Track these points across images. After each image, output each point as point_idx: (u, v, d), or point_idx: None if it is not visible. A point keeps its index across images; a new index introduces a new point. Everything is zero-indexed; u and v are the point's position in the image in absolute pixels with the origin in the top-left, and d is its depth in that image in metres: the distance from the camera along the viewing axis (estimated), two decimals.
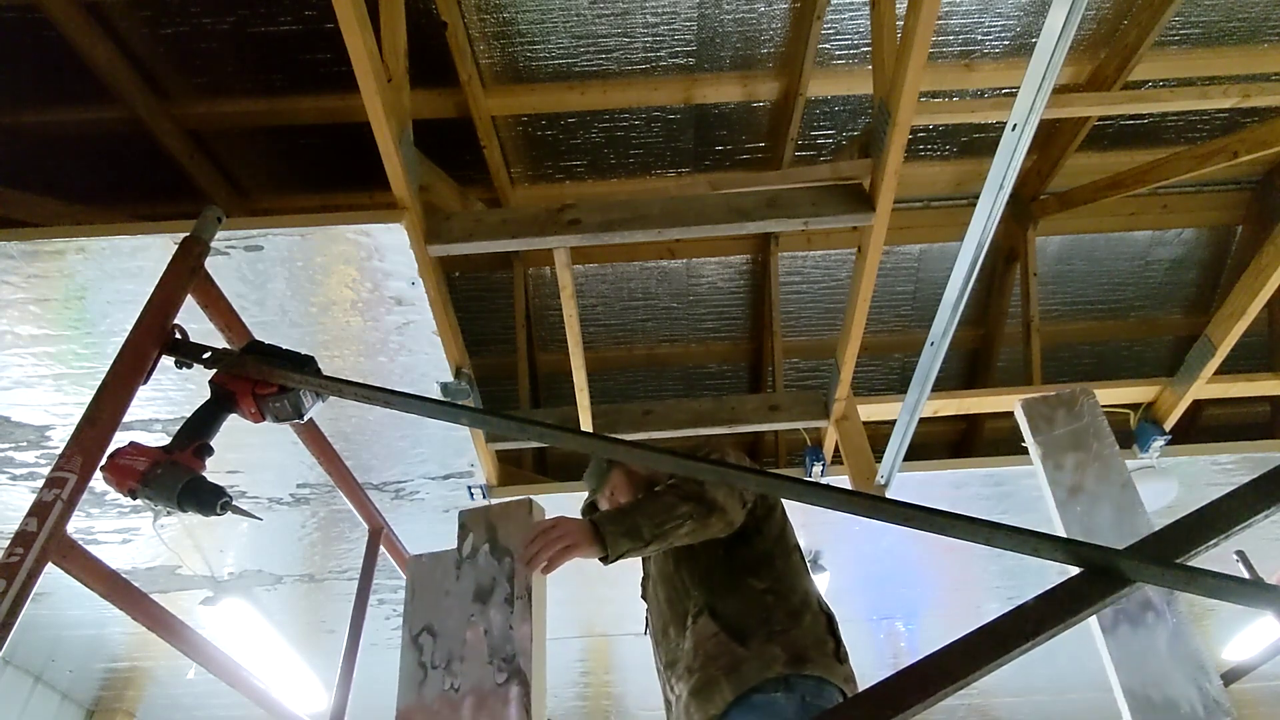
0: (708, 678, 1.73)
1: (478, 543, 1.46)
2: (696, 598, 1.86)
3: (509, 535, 1.45)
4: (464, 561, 1.44)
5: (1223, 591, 0.97)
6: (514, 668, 1.27)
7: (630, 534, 1.67)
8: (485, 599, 1.37)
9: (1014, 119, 2.01)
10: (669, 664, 1.87)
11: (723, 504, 1.80)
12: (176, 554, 3.96)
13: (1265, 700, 5.63)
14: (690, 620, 1.85)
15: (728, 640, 1.76)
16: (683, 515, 1.74)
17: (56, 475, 1.31)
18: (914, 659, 0.99)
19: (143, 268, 2.68)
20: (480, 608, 1.37)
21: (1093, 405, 1.52)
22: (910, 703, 0.97)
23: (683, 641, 1.83)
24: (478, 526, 1.48)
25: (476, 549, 1.45)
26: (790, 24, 3.36)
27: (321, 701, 4.84)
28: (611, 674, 5.16)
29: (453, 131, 3.57)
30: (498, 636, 1.31)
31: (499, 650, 1.30)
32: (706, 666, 1.74)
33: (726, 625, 1.78)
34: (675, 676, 1.82)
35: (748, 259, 4.32)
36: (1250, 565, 3.23)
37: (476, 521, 1.50)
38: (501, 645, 1.30)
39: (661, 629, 1.95)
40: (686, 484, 1.80)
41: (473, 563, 1.43)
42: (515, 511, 1.48)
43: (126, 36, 3.24)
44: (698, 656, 1.78)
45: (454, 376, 3.14)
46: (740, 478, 1.62)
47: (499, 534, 1.45)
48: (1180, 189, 4.15)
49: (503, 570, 1.39)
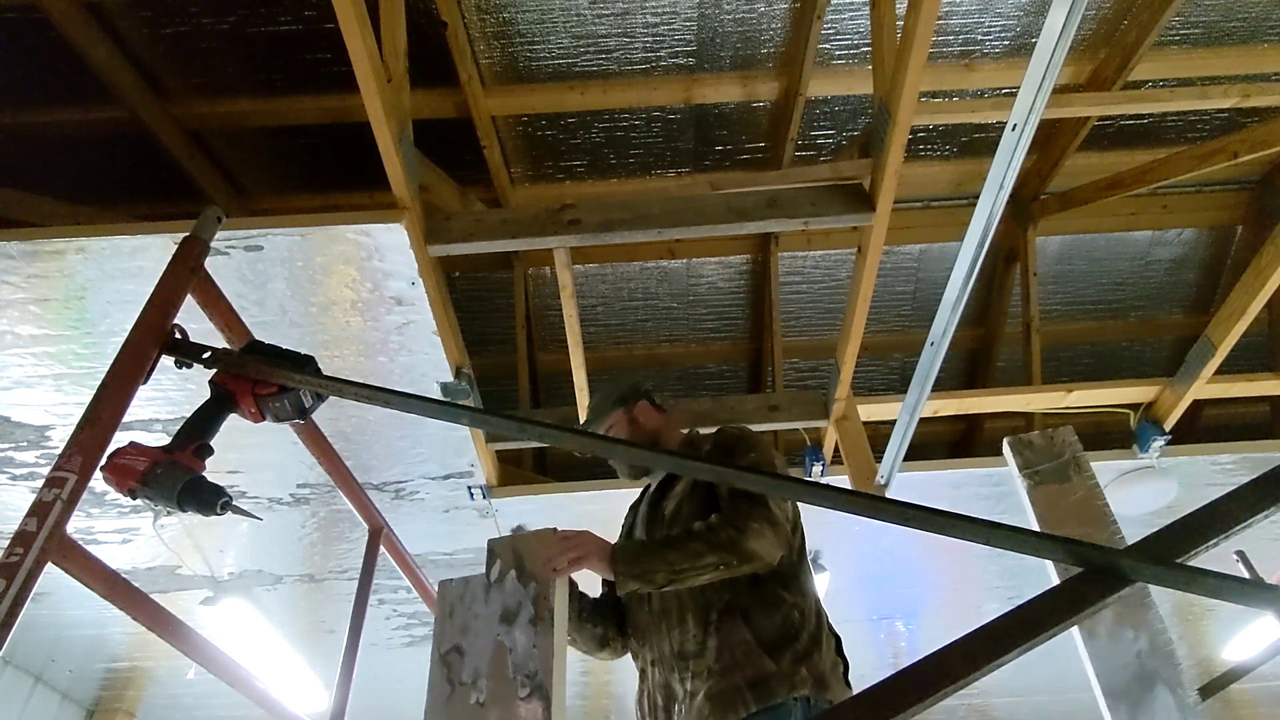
0: (732, 685, 1.70)
1: (505, 569, 1.57)
2: (724, 594, 1.81)
3: (534, 562, 1.56)
4: (492, 586, 1.55)
5: (1223, 591, 0.97)
6: (536, 683, 1.37)
7: (642, 577, 1.69)
8: (511, 620, 1.48)
9: (1014, 119, 2.01)
10: (681, 654, 1.80)
11: (759, 553, 1.75)
12: (176, 554, 3.96)
13: (1265, 700, 5.63)
14: (716, 616, 1.79)
15: (757, 650, 1.73)
16: (707, 566, 1.71)
17: (56, 475, 1.31)
18: (914, 659, 0.99)
19: (143, 268, 2.68)
20: (506, 628, 1.47)
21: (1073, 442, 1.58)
22: (910, 703, 0.97)
23: (704, 636, 1.78)
24: (505, 553, 1.60)
25: (504, 574, 1.56)
26: (790, 24, 3.36)
27: (321, 701, 4.84)
28: (611, 674, 5.16)
29: (453, 131, 3.57)
30: (522, 654, 1.42)
31: (523, 667, 1.40)
32: (730, 673, 1.71)
33: (758, 634, 1.76)
34: (690, 671, 1.77)
35: (748, 259, 4.32)
36: (1250, 565, 3.24)
37: (504, 549, 1.61)
38: (525, 662, 1.41)
39: (675, 613, 1.86)
40: (723, 531, 1.74)
41: (500, 587, 1.54)
42: (541, 539, 1.60)
43: (126, 36, 3.24)
44: (721, 659, 1.74)
45: (454, 376, 3.14)
46: (740, 478, 1.61)
47: (525, 560, 1.56)
48: (1180, 189, 4.15)
49: (528, 594, 1.51)
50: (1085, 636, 1.54)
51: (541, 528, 1.67)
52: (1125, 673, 1.44)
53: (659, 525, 1.98)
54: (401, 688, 4.66)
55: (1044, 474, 1.65)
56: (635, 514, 2.19)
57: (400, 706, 5.03)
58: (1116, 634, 1.48)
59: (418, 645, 4.77)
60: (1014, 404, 3.75)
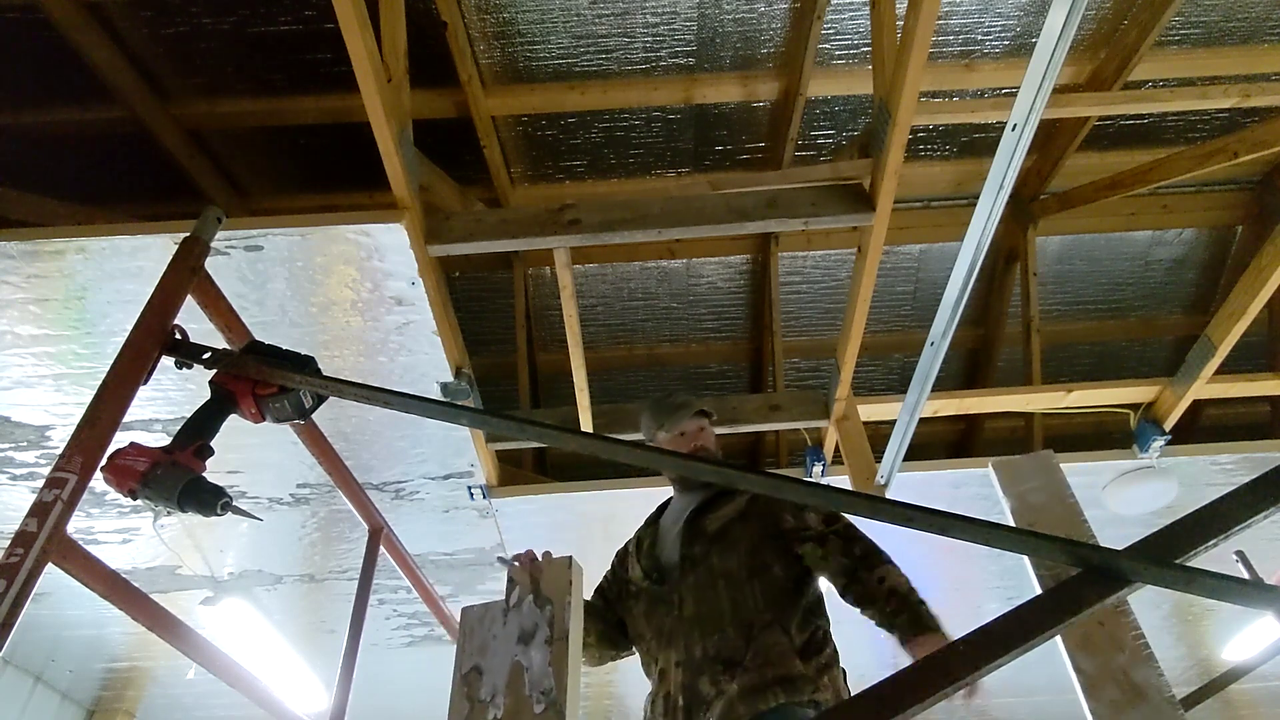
0: (763, 679, 1.81)
1: (523, 594, 1.67)
2: (766, 614, 1.94)
3: (550, 585, 1.65)
4: (510, 610, 1.65)
5: (1223, 591, 0.97)
6: (551, 699, 1.46)
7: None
8: (528, 641, 1.58)
9: (1014, 119, 2.01)
10: (718, 658, 1.89)
11: None
12: (176, 554, 3.96)
13: (1265, 700, 5.62)
14: (757, 630, 1.91)
15: (790, 652, 1.87)
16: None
17: (56, 475, 1.31)
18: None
19: (143, 268, 2.68)
20: (523, 648, 1.57)
21: (1055, 465, 1.61)
22: (910, 703, 0.97)
23: (745, 645, 1.89)
24: (523, 580, 1.70)
25: (522, 599, 1.66)
26: (790, 24, 3.36)
27: (321, 701, 4.84)
28: (612, 674, 5.16)
29: (453, 131, 3.57)
30: (537, 672, 1.51)
31: (538, 684, 1.49)
32: (763, 669, 1.83)
33: (794, 643, 1.90)
34: (727, 674, 1.86)
35: (748, 259, 4.32)
36: (1250, 565, 3.24)
37: (522, 576, 1.71)
38: (540, 680, 1.50)
39: (710, 620, 1.96)
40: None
41: (518, 611, 1.64)
42: (557, 566, 1.70)
43: (126, 36, 3.24)
44: (757, 658, 1.85)
45: (454, 376, 3.14)
46: (740, 478, 1.62)
47: (541, 585, 1.66)
48: (1180, 189, 4.15)
49: (544, 616, 1.60)
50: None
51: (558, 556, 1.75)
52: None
53: (700, 540, 2.10)
54: (401, 688, 4.66)
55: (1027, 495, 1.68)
56: (656, 529, 2.27)
57: (400, 706, 5.03)
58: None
59: (418, 645, 4.76)
60: (1014, 404, 3.75)
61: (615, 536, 2.36)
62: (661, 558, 2.17)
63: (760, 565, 2.02)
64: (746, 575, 2.00)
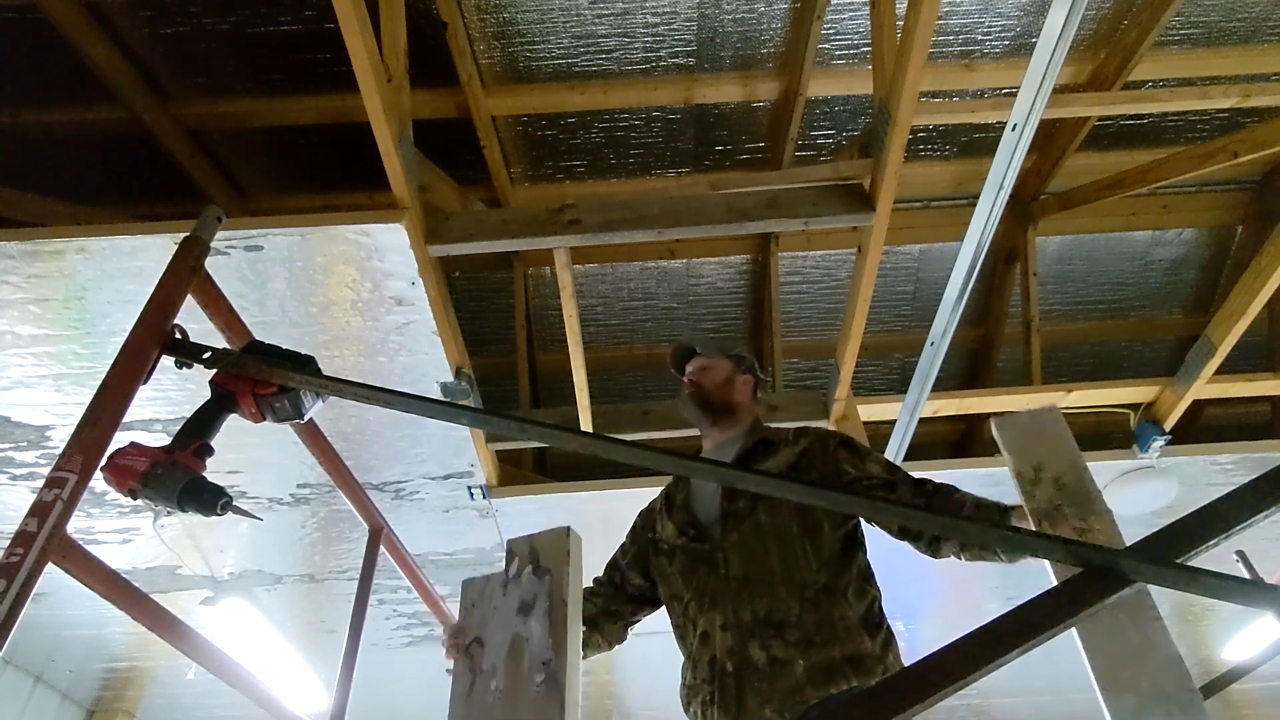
0: (831, 658, 1.72)
1: (522, 565, 1.66)
2: (821, 574, 1.86)
3: (549, 557, 1.64)
4: (509, 581, 1.65)
5: (1223, 591, 0.97)
6: (550, 670, 1.47)
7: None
8: (528, 612, 1.58)
9: (1014, 119, 2.02)
10: (768, 621, 1.79)
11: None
12: (176, 554, 3.96)
13: (1265, 700, 5.62)
14: (813, 593, 1.82)
15: (857, 627, 1.79)
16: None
17: (56, 475, 1.31)
18: (914, 659, 0.99)
19: (143, 268, 2.68)
20: (523, 619, 1.57)
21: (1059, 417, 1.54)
22: (910, 703, 0.97)
23: (800, 609, 1.79)
24: (523, 551, 1.69)
25: (521, 571, 1.65)
26: (790, 24, 3.36)
27: (321, 701, 4.84)
28: (613, 674, 5.16)
29: (453, 131, 3.57)
30: (537, 644, 1.52)
31: (539, 655, 1.50)
32: (830, 646, 1.74)
33: (858, 616, 1.83)
34: (781, 639, 1.76)
35: (748, 259, 4.32)
36: (1250, 565, 3.24)
37: (521, 547, 1.71)
38: (541, 651, 1.50)
39: (761, 582, 1.85)
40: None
41: (517, 582, 1.64)
42: (555, 537, 1.70)
43: (126, 36, 3.24)
44: (822, 632, 1.76)
45: (454, 376, 3.14)
46: (739, 478, 1.62)
47: (541, 556, 1.65)
48: (1180, 189, 4.15)
49: (544, 587, 1.60)
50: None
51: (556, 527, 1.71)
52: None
53: (744, 494, 1.97)
54: (402, 688, 4.66)
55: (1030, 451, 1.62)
56: (688, 484, 2.14)
57: (400, 706, 5.03)
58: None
59: (418, 645, 4.76)
60: (1014, 404, 3.75)
61: (615, 536, 2.35)
62: (699, 513, 2.05)
63: (813, 523, 1.92)
64: (798, 532, 1.91)
